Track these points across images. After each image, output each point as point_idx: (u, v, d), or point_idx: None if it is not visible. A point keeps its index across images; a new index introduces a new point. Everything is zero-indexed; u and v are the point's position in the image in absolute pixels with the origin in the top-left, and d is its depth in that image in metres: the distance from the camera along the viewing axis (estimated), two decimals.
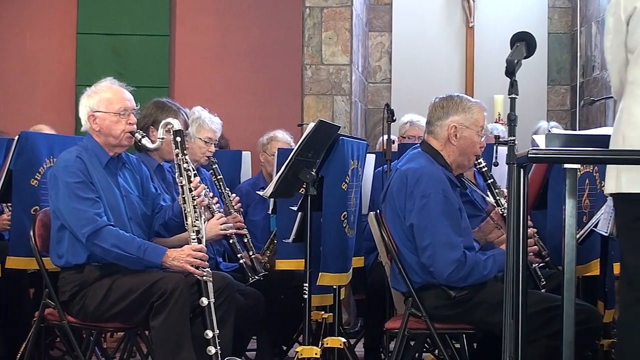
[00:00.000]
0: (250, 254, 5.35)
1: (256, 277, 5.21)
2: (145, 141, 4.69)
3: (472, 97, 4.83)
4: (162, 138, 4.61)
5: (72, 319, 4.63)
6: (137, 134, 4.67)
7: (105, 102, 4.67)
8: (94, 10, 8.88)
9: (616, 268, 4.31)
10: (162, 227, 4.86)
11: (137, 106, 4.77)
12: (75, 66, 8.80)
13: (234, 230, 5.21)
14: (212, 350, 4.29)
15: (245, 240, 5.39)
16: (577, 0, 9.76)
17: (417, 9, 9.93)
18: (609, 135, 3.66)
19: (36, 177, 5.23)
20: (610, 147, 3.61)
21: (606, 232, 4.44)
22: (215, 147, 5.72)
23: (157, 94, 5.88)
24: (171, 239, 4.86)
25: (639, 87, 3.47)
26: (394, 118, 6.24)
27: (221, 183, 5.56)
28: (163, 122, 4.63)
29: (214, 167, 5.59)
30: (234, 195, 5.59)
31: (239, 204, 5.60)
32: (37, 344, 5.04)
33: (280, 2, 8.83)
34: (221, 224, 4.97)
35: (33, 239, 4.75)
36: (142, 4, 8.91)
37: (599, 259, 4.73)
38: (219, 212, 5.10)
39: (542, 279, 4.71)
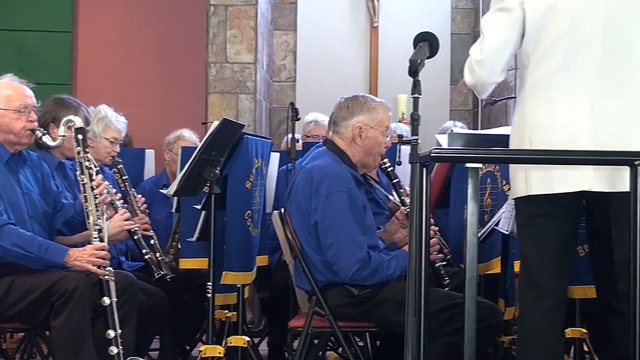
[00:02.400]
0: (157, 255, 5.31)
1: (161, 272, 5.19)
2: (46, 139, 4.62)
3: (377, 97, 4.86)
4: (64, 135, 4.53)
5: None
6: (37, 132, 4.60)
7: (5, 99, 4.60)
8: None
9: (516, 266, 4.36)
10: (64, 225, 4.81)
11: (38, 103, 4.71)
12: None
13: (138, 226, 5.17)
14: (114, 350, 4.24)
15: (152, 242, 5.34)
16: (480, 1, 9.86)
17: (322, 8, 9.95)
18: (509, 135, 3.70)
19: None
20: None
21: (507, 231, 4.51)
22: (120, 146, 5.66)
23: (59, 91, 5.77)
24: (73, 237, 4.80)
25: (544, 89, 3.50)
26: (299, 117, 6.24)
27: (127, 183, 5.51)
28: (64, 119, 4.56)
29: (119, 167, 5.54)
30: (139, 196, 5.54)
31: (145, 205, 5.55)
32: None
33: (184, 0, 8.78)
34: (124, 220, 4.92)
35: None
36: (43, 0, 8.77)
37: (500, 257, 4.79)
38: (123, 207, 5.05)
39: (446, 278, 4.76)
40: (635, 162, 3.16)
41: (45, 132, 4.68)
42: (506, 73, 3.62)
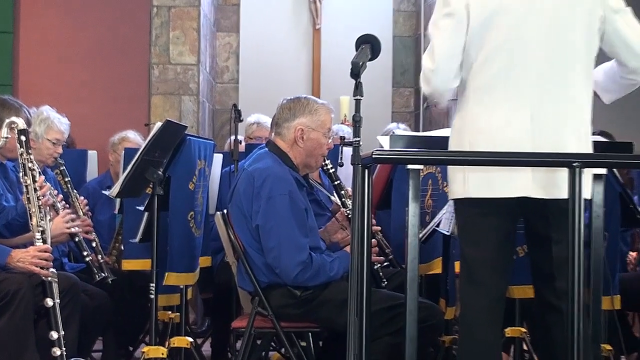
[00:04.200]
0: (99, 257, 5.28)
1: (103, 274, 5.15)
2: None
3: (319, 98, 4.86)
4: (6, 137, 4.49)
5: None
6: None
7: None
8: None
9: (457, 266, 4.39)
10: (4, 227, 4.76)
11: None
12: None
13: (80, 229, 5.13)
14: (57, 351, 4.20)
15: (94, 245, 5.30)
16: (421, 4, 9.92)
17: (265, 10, 9.95)
18: (447, 138, 3.72)
19: None
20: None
21: (448, 232, 4.54)
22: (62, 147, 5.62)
23: (1, 92, 5.72)
24: (14, 239, 4.75)
25: (486, 93, 3.51)
26: (241, 118, 6.26)
27: (69, 185, 5.46)
28: (7, 120, 4.51)
29: (61, 168, 5.49)
30: (82, 197, 5.50)
31: (87, 207, 5.51)
32: None
33: (128, 0, 8.73)
34: (66, 222, 4.89)
35: None
36: None
37: (441, 258, 4.82)
38: (64, 209, 5.01)
39: (384, 279, 4.78)
40: (574, 164, 3.19)
41: None
42: (460, 77, 3.62)
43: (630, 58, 3.60)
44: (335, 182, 4.95)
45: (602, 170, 3.92)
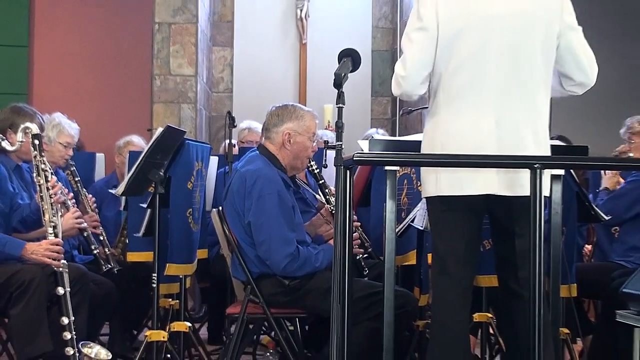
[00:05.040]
0: (106, 250, 5.27)
1: (109, 265, 5.15)
2: (5, 144, 4.53)
3: (305, 106, 4.85)
4: (21, 141, 4.47)
5: None
6: None
7: None
8: None
9: (429, 258, 4.39)
10: (20, 223, 4.75)
11: None
12: None
13: (88, 223, 5.12)
14: (67, 335, 4.19)
15: (102, 238, 5.29)
16: (397, 21, 9.93)
17: (256, 26, 9.93)
18: (420, 142, 3.71)
19: None
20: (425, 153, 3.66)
21: (421, 227, 4.54)
22: (73, 150, 5.60)
23: (17, 100, 5.67)
24: (29, 234, 4.73)
25: (455, 101, 3.50)
26: (235, 124, 6.25)
27: (79, 184, 5.44)
28: (22, 126, 4.49)
29: (71, 169, 5.47)
30: (90, 195, 5.48)
31: (95, 204, 5.50)
32: None
33: (132, 17, 8.71)
34: (76, 218, 4.87)
35: None
36: (1, 17, 8.63)
37: (415, 250, 4.81)
38: (74, 207, 4.99)
39: (366, 269, 4.77)
40: (535, 166, 3.20)
41: (4, 137, 4.61)
42: (427, 85, 3.62)
43: (577, 72, 3.60)
44: (320, 182, 4.94)
45: (560, 171, 3.92)
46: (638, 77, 8.87)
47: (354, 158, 3.28)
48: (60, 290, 4.25)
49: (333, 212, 4.42)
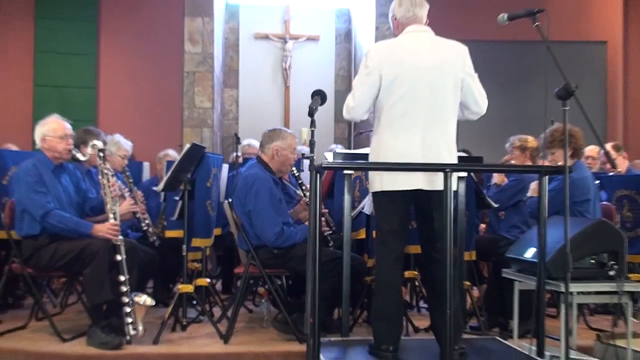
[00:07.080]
0: (151, 229, 5.24)
1: (153, 239, 5.19)
2: (79, 155, 4.55)
3: (289, 129, 4.85)
4: (90, 153, 4.46)
5: (30, 271, 4.45)
6: (72, 151, 4.52)
7: (52, 130, 4.53)
8: (46, 67, 8.48)
9: (374, 234, 4.38)
10: (90, 210, 4.74)
11: (73, 133, 4.62)
12: (32, 108, 8.43)
13: (139, 208, 5.10)
14: (123, 288, 4.17)
15: (147, 221, 5.26)
16: (352, 70, 9.92)
17: (255, 73, 9.90)
18: (368, 154, 3.70)
19: (5, 178, 5.01)
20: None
21: (369, 212, 4.53)
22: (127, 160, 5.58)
23: (87, 124, 5.67)
24: (96, 218, 4.70)
25: (393, 125, 3.45)
26: (240, 142, 6.26)
27: (132, 184, 5.40)
28: (91, 143, 4.51)
29: (127, 173, 5.43)
30: (139, 192, 5.45)
31: (143, 197, 5.46)
32: (7, 287, 4.88)
33: (168, 68, 8.67)
34: (130, 204, 4.84)
35: (3, 219, 4.59)
36: (76, 67, 8.56)
37: (365, 229, 4.81)
38: (129, 197, 4.96)
39: (331, 242, 4.76)
40: (446, 170, 3.20)
41: (78, 150, 4.60)
42: (369, 114, 3.62)
43: (473, 105, 3.60)
44: (299, 182, 4.93)
45: (464, 174, 3.92)
46: (520, 109, 8.95)
47: (323, 165, 3.27)
48: (118, 257, 4.23)
49: (308, 202, 4.43)
